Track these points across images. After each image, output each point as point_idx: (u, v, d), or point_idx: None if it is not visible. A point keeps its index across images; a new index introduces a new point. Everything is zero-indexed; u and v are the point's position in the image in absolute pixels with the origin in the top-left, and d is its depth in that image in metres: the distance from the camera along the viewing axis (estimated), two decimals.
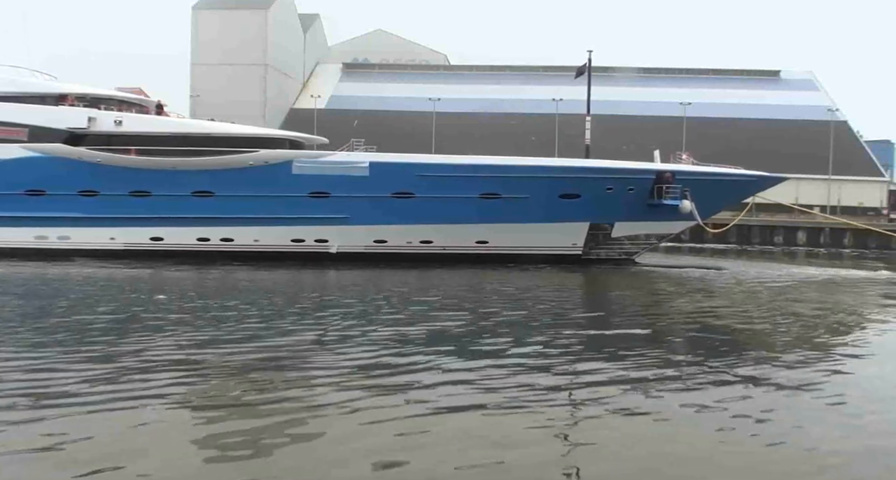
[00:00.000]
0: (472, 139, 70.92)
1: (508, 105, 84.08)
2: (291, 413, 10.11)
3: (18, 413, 9.80)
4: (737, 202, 36.66)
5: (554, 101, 77.44)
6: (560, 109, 76.91)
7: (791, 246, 60.97)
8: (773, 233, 62.86)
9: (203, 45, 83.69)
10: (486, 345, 15.00)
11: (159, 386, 11.29)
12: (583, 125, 77.81)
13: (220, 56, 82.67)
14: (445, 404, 10.59)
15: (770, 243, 61.65)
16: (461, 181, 32.66)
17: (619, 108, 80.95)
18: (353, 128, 66.35)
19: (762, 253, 53.35)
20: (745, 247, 57.77)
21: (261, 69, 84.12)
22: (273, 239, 33.05)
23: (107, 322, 17.43)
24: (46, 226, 32.99)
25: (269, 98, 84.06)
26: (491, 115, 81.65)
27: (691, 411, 10.52)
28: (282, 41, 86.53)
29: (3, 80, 34.10)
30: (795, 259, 48.11)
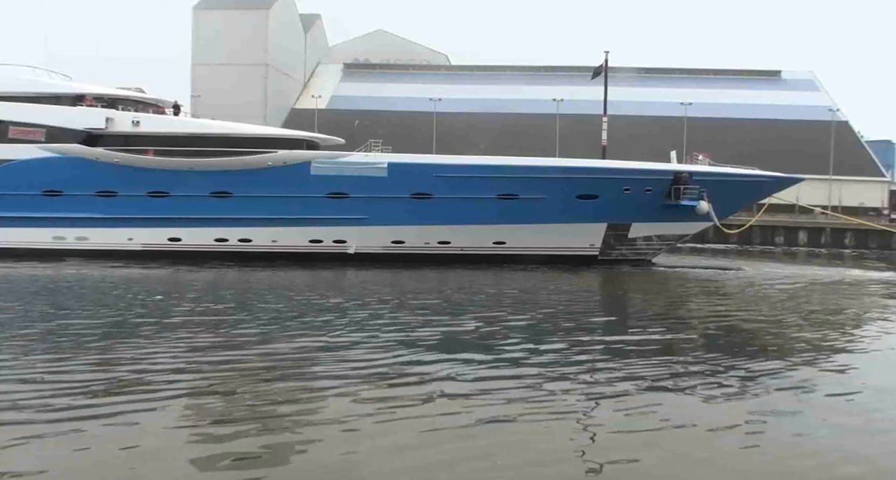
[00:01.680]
0: (473, 139, 71.03)
1: (509, 105, 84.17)
2: (300, 424, 9.84)
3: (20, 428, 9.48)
4: (753, 203, 36.85)
5: (555, 102, 77.60)
6: (561, 110, 77.11)
7: (792, 247, 61.30)
8: (774, 234, 63.17)
9: (204, 46, 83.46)
10: (503, 351, 14.77)
11: (169, 393, 11.06)
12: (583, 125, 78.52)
13: (221, 56, 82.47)
14: (465, 414, 10.28)
15: (771, 243, 61.96)
16: (479, 182, 32.73)
17: (620, 109, 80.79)
18: (354, 129, 66.39)
19: (763, 254, 53.60)
20: (745, 248, 57.97)
21: (262, 69, 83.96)
22: (291, 239, 33.05)
23: (129, 325, 17.32)
24: (64, 226, 32.89)
25: (269, 98, 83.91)
26: (492, 116, 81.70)
27: (725, 426, 10.15)
28: (283, 41, 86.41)
29: (20, 81, 34.01)
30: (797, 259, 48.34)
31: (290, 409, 10.48)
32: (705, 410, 10.87)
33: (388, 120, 76.44)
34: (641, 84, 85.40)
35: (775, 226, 62.31)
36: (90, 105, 33.46)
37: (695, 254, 45.33)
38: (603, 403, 11.14)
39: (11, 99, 33.40)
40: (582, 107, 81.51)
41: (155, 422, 9.68)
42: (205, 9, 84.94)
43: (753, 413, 10.70)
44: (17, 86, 33.85)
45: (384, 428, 9.59)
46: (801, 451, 9.14)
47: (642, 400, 11.19)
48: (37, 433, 9.16)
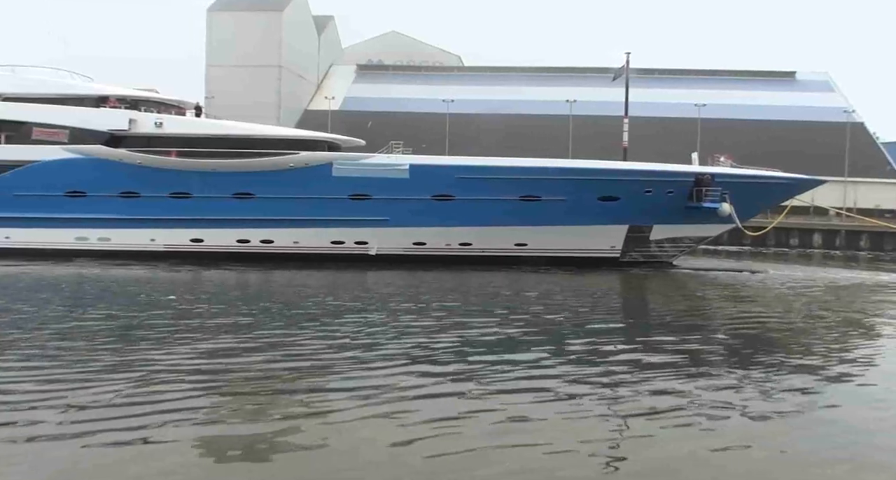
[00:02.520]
0: (485, 140, 71.02)
1: (522, 106, 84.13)
2: (317, 428, 9.77)
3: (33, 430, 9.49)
4: (775, 205, 36.72)
5: (567, 103, 77.56)
6: (574, 111, 77.07)
7: (807, 249, 61.06)
8: (789, 236, 62.90)
9: (218, 47, 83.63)
10: (523, 355, 14.63)
11: (183, 396, 11.01)
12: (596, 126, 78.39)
13: (235, 58, 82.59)
14: (484, 420, 10.16)
15: (786, 245, 61.72)
16: (501, 183, 32.73)
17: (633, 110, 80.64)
18: (367, 130, 66.47)
19: (778, 256, 53.48)
20: (760, 249, 57.78)
21: (275, 71, 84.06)
22: (313, 240, 33.10)
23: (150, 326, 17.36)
24: (87, 227, 33.04)
25: (283, 99, 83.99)
26: (504, 117, 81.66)
27: (749, 432, 10.13)
28: (296, 43, 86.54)
29: (44, 83, 34.25)
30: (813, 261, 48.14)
31: (307, 412, 10.45)
32: (732, 415, 10.75)
33: (401, 121, 76.44)
34: (655, 85, 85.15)
35: (790, 228, 62.01)
36: (113, 106, 33.64)
37: (709, 256, 45.24)
38: (624, 408, 11.05)
39: (35, 100, 33.62)
40: (595, 108, 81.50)
41: (168, 427, 9.62)
42: (218, 10, 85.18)
43: (783, 420, 10.58)
44: (41, 88, 34.09)
45: (401, 433, 9.52)
46: (829, 458, 9.07)
47: (665, 406, 11.06)
48: (51, 435, 9.15)
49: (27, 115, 33.36)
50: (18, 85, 34.23)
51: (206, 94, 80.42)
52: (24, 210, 32.84)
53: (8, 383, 11.68)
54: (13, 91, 33.97)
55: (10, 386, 11.45)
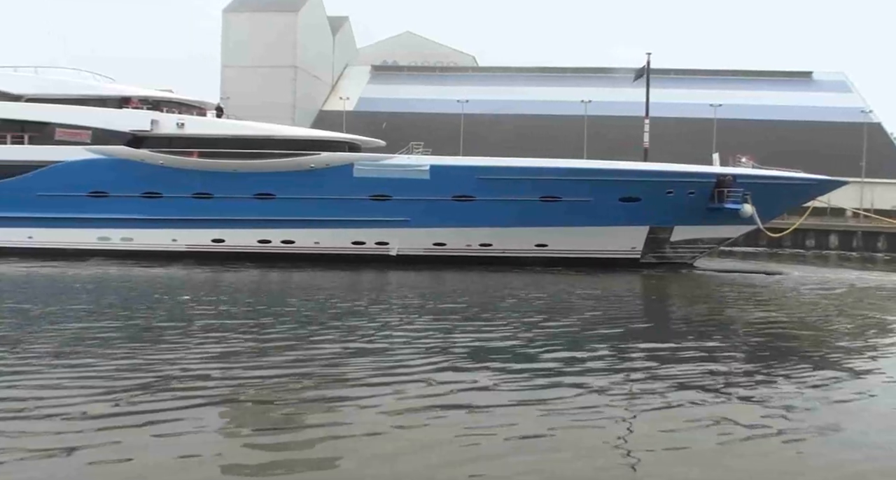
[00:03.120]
0: (500, 141, 70.94)
1: (537, 107, 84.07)
2: (331, 434, 9.62)
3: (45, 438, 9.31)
4: (797, 206, 36.54)
5: (583, 103, 77.42)
6: (589, 111, 76.93)
7: (823, 250, 60.63)
8: (805, 237, 62.49)
9: (233, 48, 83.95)
10: (542, 358, 14.46)
11: (199, 400, 10.88)
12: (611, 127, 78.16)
13: (250, 58, 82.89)
14: (503, 425, 10.00)
15: (802, 246, 61.32)
16: (521, 184, 32.70)
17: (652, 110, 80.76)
18: (381, 130, 66.54)
19: (794, 257, 53.15)
20: (775, 250, 57.45)
21: (290, 71, 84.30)
22: (334, 241, 33.17)
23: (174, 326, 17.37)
24: (110, 227, 33.22)
25: (298, 100, 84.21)
26: (519, 117, 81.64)
27: (771, 435, 9.96)
28: (311, 43, 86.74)
29: (66, 83, 34.49)
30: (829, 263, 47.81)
31: (321, 419, 10.36)
32: (756, 421, 10.57)
33: (415, 121, 76.49)
34: (671, 85, 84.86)
35: (806, 229, 61.55)
36: (136, 107, 33.83)
37: (724, 257, 45.06)
38: (645, 414, 10.93)
39: (58, 101, 33.84)
40: (610, 108, 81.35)
41: (184, 430, 9.57)
42: (234, 11, 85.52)
43: (805, 426, 10.42)
44: (64, 89, 34.33)
45: (417, 438, 9.44)
46: (861, 467, 8.93)
47: (687, 411, 10.94)
48: (67, 441, 9.06)
49: (50, 116, 33.59)
50: (41, 86, 34.49)
51: (221, 95, 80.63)
52: (47, 210, 33.03)
53: (18, 386, 11.55)
54: (36, 92, 34.22)
55: (21, 392, 11.28)
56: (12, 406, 10.34)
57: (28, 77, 34.94)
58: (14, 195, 33.25)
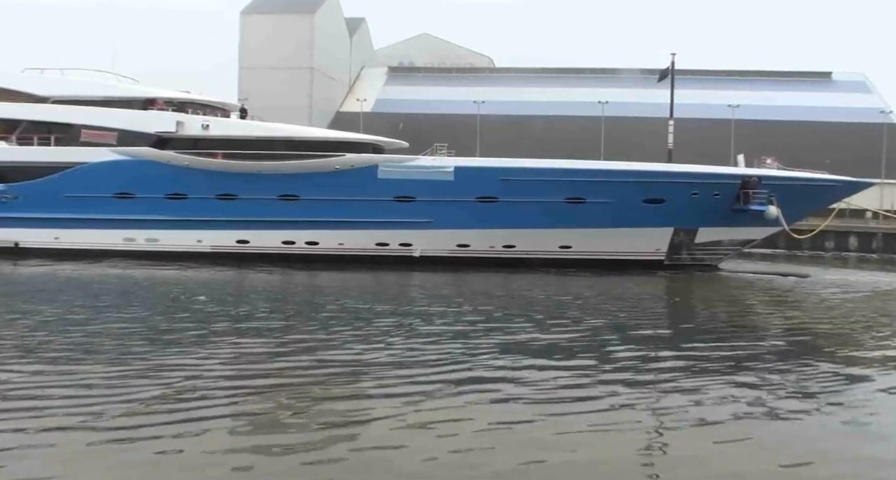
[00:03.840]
0: (516, 141, 70.86)
1: (553, 107, 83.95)
2: (352, 438, 9.57)
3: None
4: (823, 207, 36.27)
5: (599, 104, 77.28)
6: (606, 112, 76.78)
7: (842, 252, 60.09)
8: (824, 238, 61.91)
9: (251, 50, 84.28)
10: (566, 363, 14.29)
11: (218, 404, 10.76)
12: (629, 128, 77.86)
13: (268, 60, 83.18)
14: (525, 431, 9.92)
15: (821, 248, 60.79)
16: (545, 185, 32.60)
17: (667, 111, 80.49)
18: (398, 131, 66.60)
19: (812, 259, 52.73)
20: (794, 252, 57.04)
21: (307, 73, 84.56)
22: (358, 242, 33.21)
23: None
24: (135, 228, 33.41)
25: (315, 101, 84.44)
26: (535, 118, 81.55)
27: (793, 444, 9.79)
28: (328, 45, 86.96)
29: (92, 85, 34.76)
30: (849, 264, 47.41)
31: (342, 421, 10.26)
32: (782, 430, 10.42)
33: (432, 122, 76.53)
34: (689, 86, 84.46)
35: (825, 230, 61.05)
36: (161, 109, 34.02)
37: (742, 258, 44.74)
38: (669, 418, 10.76)
39: (84, 103, 34.07)
40: (627, 109, 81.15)
41: (202, 437, 9.46)
42: (252, 13, 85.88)
43: (836, 435, 10.22)
44: (89, 91, 34.61)
45: (440, 444, 9.34)
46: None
47: (713, 417, 10.77)
48: (88, 442, 9.07)
49: (76, 118, 33.83)
50: (67, 88, 34.76)
51: (239, 96, 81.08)
52: (73, 211, 33.27)
53: (35, 388, 11.49)
54: (62, 94, 34.47)
55: (38, 392, 11.27)
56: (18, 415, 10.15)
57: (54, 79, 35.22)
58: (41, 196, 33.51)
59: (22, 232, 33.82)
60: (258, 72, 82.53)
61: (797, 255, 55.19)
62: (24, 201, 33.71)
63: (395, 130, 66.19)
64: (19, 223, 33.66)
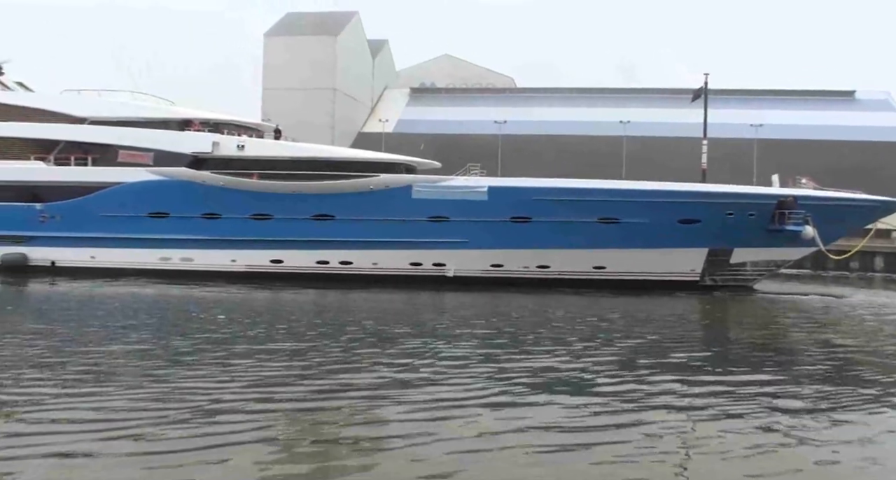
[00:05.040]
0: (538, 161, 70.96)
1: (575, 127, 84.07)
2: (374, 469, 9.21)
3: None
4: (859, 227, 36.00)
5: (622, 124, 77.37)
6: (627, 132, 76.86)
7: (867, 272, 59.49)
8: (849, 259, 61.35)
9: (274, 71, 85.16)
10: (596, 388, 13.89)
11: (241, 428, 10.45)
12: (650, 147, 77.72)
13: (291, 81, 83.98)
14: (558, 462, 9.65)
15: (846, 268, 60.19)
16: (579, 205, 32.55)
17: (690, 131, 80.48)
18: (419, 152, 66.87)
19: (838, 279, 52.21)
20: (818, 273, 56.51)
21: (330, 93, 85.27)
22: (391, 262, 33.23)
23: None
24: (170, 247, 33.61)
25: (337, 122, 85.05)
26: (557, 137, 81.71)
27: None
28: (351, 66, 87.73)
29: (129, 106, 35.15)
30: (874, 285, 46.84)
31: (367, 448, 9.96)
32: (825, 459, 10.07)
33: (454, 142, 76.75)
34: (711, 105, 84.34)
35: None
36: (197, 129, 34.35)
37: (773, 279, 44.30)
38: (705, 447, 10.49)
39: (121, 123, 34.46)
40: (649, 129, 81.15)
41: (224, 465, 9.21)
42: (275, 35, 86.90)
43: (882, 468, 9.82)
44: (127, 112, 35.00)
45: (472, 473, 9.07)
46: None
47: (750, 444, 10.41)
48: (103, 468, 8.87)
49: (113, 138, 34.20)
50: (104, 109, 35.16)
51: (263, 117, 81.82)
52: (109, 230, 33.54)
53: (51, 410, 11.29)
54: (99, 114, 34.87)
55: (56, 414, 11.10)
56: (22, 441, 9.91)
57: (92, 100, 35.66)
58: (78, 215, 33.83)
59: (58, 251, 34.13)
60: (281, 92, 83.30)
61: (822, 276, 54.68)
62: (61, 221, 34.04)
63: (416, 150, 66.52)
64: (56, 242, 33.99)
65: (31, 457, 9.19)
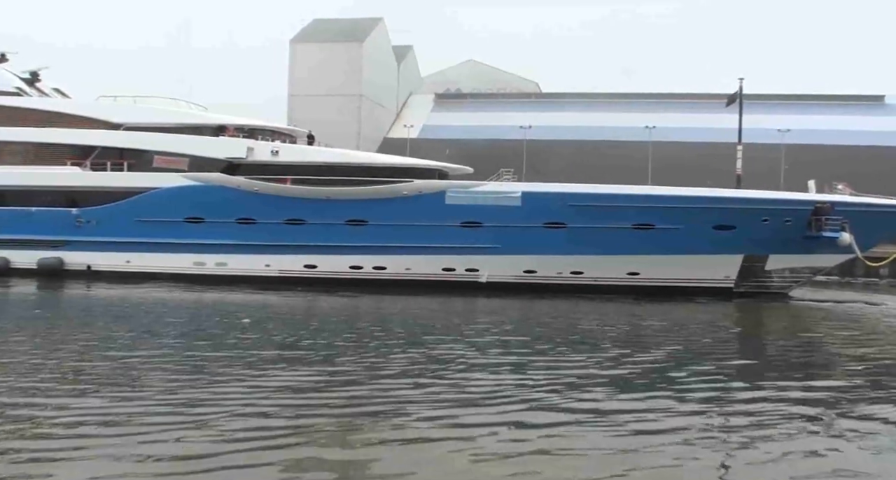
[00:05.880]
0: (563, 166, 70.80)
1: (600, 132, 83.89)
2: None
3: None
4: None
5: (647, 129, 77.06)
6: (653, 137, 76.52)
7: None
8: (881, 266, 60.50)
9: (300, 78, 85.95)
10: (636, 396, 13.60)
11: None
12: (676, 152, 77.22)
13: (317, 87, 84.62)
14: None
15: (875, 275, 59.44)
16: (614, 211, 32.40)
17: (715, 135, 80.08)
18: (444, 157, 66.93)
19: (867, 286, 51.49)
20: (847, 279, 55.81)
21: (355, 100, 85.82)
22: (424, 267, 33.25)
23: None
24: (204, 252, 33.84)
25: (363, 128, 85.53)
26: (582, 143, 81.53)
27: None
28: (376, 72, 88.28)
29: (164, 112, 35.49)
30: None
31: (398, 464, 9.61)
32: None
33: (478, 148, 76.81)
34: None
35: None
36: (232, 135, 34.58)
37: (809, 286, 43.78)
38: (744, 454, 10.21)
39: (156, 129, 34.81)
40: (675, 134, 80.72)
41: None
42: (301, 42, 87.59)
43: None
44: (162, 118, 35.35)
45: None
46: None
47: (789, 452, 10.21)
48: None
49: (149, 144, 34.53)
50: (140, 115, 35.49)
51: (289, 123, 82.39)
52: (144, 235, 33.82)
53: (71, 418, 11.03)
54: (135, 121, 35.21)
55: (75, 418, 10.93)
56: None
57: (127, 106, 36.01)
58: (113, 220, 34.16)
59: (94, 255, 34.47)
60: (307, 99, 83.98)
61: (850, 282, 54.03)
62: (97, 225, 34.39)
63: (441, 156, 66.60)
64: (92, 247, 34.32)
65: (67, 460, 9.20)
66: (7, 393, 12.53)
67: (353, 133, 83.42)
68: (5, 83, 36.73)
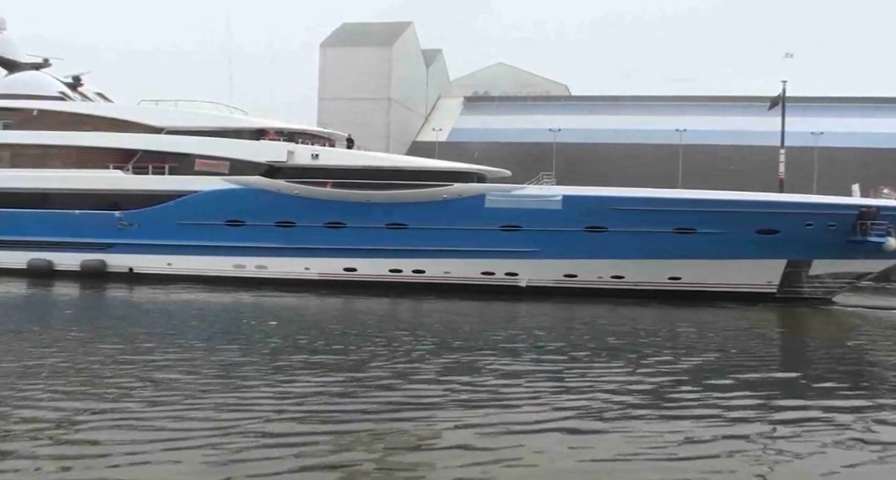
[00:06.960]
0: (592, 170, 70.53)
1: (630, 135, 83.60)
2: None
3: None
4: None
5: (677, 132, 76.65)
6: (684, 140, 76.09)
7: None
8: None
9: (329, 81, 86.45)
10: (677, 406, 13.37)
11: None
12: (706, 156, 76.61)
13: (346, 90, 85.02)
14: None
15: None
16: (656, 215, 32.13)
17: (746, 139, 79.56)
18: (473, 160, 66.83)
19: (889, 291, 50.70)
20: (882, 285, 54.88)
21: (385, 103, 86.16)
22: (464, 271, 33.20)
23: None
24: (245, 255, 34.05)
25: (392, 131, 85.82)
26: (612, 146, 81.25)
27: None
28: (405, 76, 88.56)
29: (205, 116, 35.80)
30: None
31: (428, 462, 9.72)
32: None
33: (507, 151, 76.67)
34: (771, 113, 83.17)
35: None
36: (272, 139, 34.77)
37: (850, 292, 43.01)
38: (790, 462, 10.13)
39: (197, 133, 35.09)
40: (704, 137, 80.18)
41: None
42: (331, 45, 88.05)
43: None
44: (203, 121, 35.64)
45: None
46: None
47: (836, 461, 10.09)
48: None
49: (190, 147, 34.78)
50: (181, 118, 35.81)
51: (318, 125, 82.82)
52: (185, 238, 34.09)
53: (94, 425, 11.15)
54: (176, 124, 35.52)
55: (98, 423, 11.07)
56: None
57: (169, 110, 36.35)
58: (155, 223, 34.48)
59: (136, 258, 34.84)
60: (336, 102, 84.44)
61: (886, 287, 53.19)
62: (139, 228, 34.72)
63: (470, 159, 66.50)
64: (134, 249, 34.68)
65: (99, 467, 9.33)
66: (36, 395, 12.78)
67: (382, 136, 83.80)
68: (49, 88, 37.26)
